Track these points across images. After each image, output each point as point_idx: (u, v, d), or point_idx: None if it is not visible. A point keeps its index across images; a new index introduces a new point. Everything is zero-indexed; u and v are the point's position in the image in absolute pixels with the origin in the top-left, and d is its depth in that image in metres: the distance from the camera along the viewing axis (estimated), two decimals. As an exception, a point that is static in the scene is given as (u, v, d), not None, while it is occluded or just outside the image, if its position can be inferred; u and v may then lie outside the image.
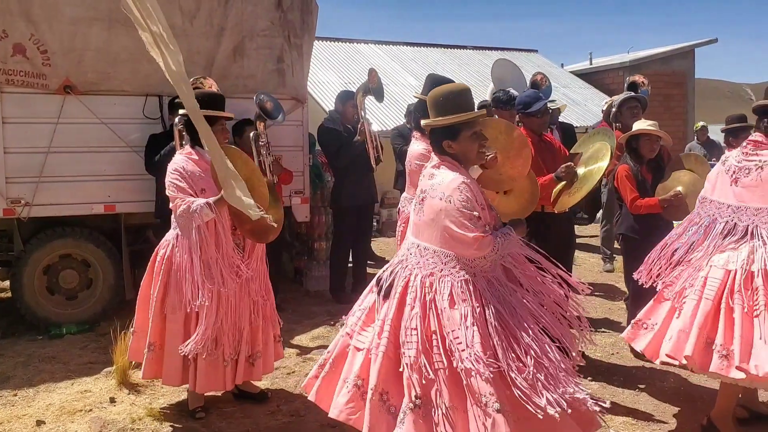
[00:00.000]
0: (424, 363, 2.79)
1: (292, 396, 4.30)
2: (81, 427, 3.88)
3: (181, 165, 3.83)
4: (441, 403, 2.76)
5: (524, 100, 4.83)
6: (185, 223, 3.73)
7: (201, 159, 3.89)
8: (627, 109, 6.10)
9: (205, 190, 3.79)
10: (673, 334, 3.50)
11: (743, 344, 3.26)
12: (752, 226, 3.47)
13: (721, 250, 3.51)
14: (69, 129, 5.41)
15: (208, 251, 3.72)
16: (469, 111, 3.00)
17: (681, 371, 4.59)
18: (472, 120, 2.99)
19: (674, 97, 14.61)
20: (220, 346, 3.85)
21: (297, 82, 6.15)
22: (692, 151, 10.74)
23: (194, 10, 5.70)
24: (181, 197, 3.73)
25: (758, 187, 3.50)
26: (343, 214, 6.26)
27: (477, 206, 2.93)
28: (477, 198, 2.96)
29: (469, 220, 2.88)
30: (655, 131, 4.64)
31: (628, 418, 3.95)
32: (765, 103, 3.65)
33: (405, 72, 13.42)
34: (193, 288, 3.66)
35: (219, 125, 3.92)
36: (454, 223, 2.88)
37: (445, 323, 2.84)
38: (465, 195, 2.90)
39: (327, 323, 5.76)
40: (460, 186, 2.92)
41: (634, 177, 4.66)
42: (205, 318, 3.72)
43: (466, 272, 2.90)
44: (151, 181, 5.55)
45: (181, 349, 3.72)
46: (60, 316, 5.68)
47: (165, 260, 3.86)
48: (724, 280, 3.43)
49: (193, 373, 3.86)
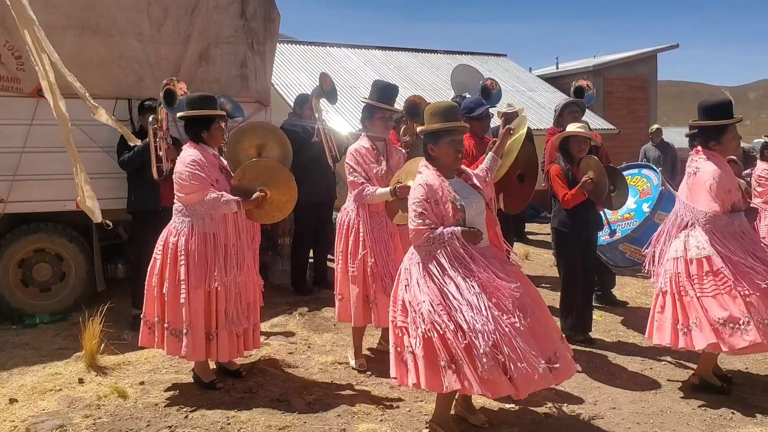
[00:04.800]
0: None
1: (247, 375, 4.65)
2: (50, 404, 4.22)
3: (198, 157, 4.26)
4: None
5: (468, 105, 5.28)
6: (209, 210, 4.20)
7: (208, 153, 4.34)
8: (568, 113, 6.50)
9: (219, 181, 4.27)
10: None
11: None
12: (693, 220, 4.26)
13: (675, 237, 4.34)
14: (42, 130, 5.70)
15: (227, 236, 4.24)
16: (454, 120, 3.60)
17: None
18: (451, 128, 3.60)
19: (637, 101, 15.15)
20: (239, 322, 4.30)
21: (260, 86, 6.54)
22: (647, 152, 11.24)
23: (162, 19, 6.06)
24: (203, 185, 4.17)
25: (691, 190, 4.29)
26: (303, 210, 6.62)
27: (427, 204, 3.53)
28: (429, 197, 3.54)
29: (414, 214, 3.55)
30: (582, 133, 5.06)
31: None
32: (699, 124, 4.34)
33: (376, 75, 13.81)
34: (209, 268, 4.18)
35: (218, 123, 4.36)
36: (410, 216, 3.60)
37: (413, 292, 3.51)
38: (418, 193, 3.57)
39: (286, 312, 6.15)
40: (417, 187, 3.60)
41: (565, 175, 5.09)
42: (223, 296, 4.21)
43: (428, 253, 3.52)
44: (122, 179, 5.89)
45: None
46: (34, 307, 6.01)
47: (181, 247, 4.22)
48: (674, 269, 4.26)
49: (215, 346, 4.28)
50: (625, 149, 13.69)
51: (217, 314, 4.24)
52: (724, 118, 4.29)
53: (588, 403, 4.30)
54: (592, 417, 4.08)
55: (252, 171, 4.38)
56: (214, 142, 4.41)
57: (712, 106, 4.36)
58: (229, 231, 4.26)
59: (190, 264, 4.20)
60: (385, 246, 4.65)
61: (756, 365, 4.95)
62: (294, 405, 4.18)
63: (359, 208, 4.67)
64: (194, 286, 4.20)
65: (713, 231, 4.17)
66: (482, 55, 16.32)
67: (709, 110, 4.33)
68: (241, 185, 4.33)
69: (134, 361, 4.96)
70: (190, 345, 4.21)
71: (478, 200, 3.67)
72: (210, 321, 4.26)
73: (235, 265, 4.26)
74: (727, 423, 4.01)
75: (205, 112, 4.31)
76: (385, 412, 4.09)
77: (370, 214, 4.66)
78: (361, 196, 4.62)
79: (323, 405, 4.19)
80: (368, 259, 4.61)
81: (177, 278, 4.23)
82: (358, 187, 4.63)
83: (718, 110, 4.32)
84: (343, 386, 4.52)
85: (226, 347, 4.29)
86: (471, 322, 3.30)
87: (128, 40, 5.95)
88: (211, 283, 4.20)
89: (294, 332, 5.69)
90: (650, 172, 6.74)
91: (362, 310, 4.65)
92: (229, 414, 4.01)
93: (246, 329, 4.43)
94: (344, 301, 4.77)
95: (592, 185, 4.88)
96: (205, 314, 4.23)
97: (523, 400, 4.00)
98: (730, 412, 4.13)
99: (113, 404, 4.20)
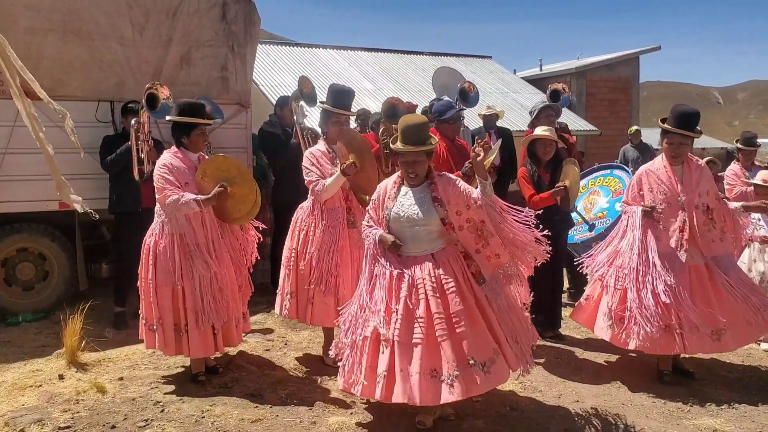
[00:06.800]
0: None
1: (224, 371, 4.76)
2: (30, 399, 4.34)
3: (169, 161, 4.45)
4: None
5: (439, 108, 5.40)
6: (173, 211, 4.33)
7: (185, 158, 4.50)
8: (544, 117, 6.66)
9: (189, 184, 4.39)
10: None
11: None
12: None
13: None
14: (25, 132, 5.68)
15: (195, 235, 4.37)
16: (409, 143, 3.82)
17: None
18: (401, 152, 3.87)
19: (619, 102, 15.36)
20: (209, 318, 4.40)
21: (240, 88, 6.66)
22: (626, 153, 11.42)
23: (143, 23, 6.18)
24: (170, 188, 4.34)
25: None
26: (284, 210, 6.74)
27: (374, 204, 4.01)
28: (376, 198, 4.01)
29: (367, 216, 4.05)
30: (546, 136, 5.21)
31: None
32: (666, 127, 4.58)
33: (361, 76, 13.96)
34: (175, 267, 4.33)
35: (199, 130, 4.52)
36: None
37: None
38: (373, 194, 4.04)
39: (264, 311, 6.28)
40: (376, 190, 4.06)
41: (531, 177, 5.25)
42: (190, 294, 4.35)
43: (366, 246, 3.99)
44: (104, 180, 6.00)
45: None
46: (17, 305, 6.13)
47: (151, 247, 4.44)
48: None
49: (186, 342, 4.42)
50: (607, 150, 13.91)
51: (186, 312, 4.38)
52: (676, 125, 4.51)
53: (552, 396, 4.46)
54: (555, 410, 4.23)
55: (211, 166, 4.48)
56: (194, 147, 4.55)
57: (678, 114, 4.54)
58: (197, 230, 4.39)
59: (158, 263, 4.39)
60: (334, 246, 4.74)
61: (717, 362, 5.12)
62: (267, 399, 4.32)
63: (314, 207, 4.81)
64: (161, 284, 4.37)
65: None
66: (467, 56, 16.49)
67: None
68: (203, 182, 4.43)
69: (114, 358, 5.08)
70: (161, 340, 4.41)
71: (422, 215, 3.82)
72: (178, 318, 4.41)
73: (205, 264, 4.38)
74: (684, 415, 4.17)
75: (184, 119, 4.47)
76: (356, 406, 4.23)
77: (327, 211, 4.78)
78: (315, 192, 4.76)
79: (296, 399, 4.33)
80: (314, 257, 4.73)
81: (148, 276, 4.42)
82: (313, 184, 4.78)
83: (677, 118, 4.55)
84: (317, 381, 4.66)
85: (198, 343, 4.41)
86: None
87: (110, 44, 6.06)
88: (177, 282, 4.35)
89: (272, 329, 5.82)
90: (622, 173, 6.93)
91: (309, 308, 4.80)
92: (204, 408, 4.14)
93: (227, 325, 4.54)
94: (295, 299, 4.86)
95: (564, 192, 5.04)
96: (173, 311, 4.39)
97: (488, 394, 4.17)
98: (688, 405, 4.30)
99: (92, 399, 4.32)
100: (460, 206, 3.85)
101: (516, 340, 3.88)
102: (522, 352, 3.90)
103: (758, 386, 4.65)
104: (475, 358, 3.60)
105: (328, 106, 4.89)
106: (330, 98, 4.91)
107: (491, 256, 3.93)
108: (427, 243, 3.86)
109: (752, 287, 4.62)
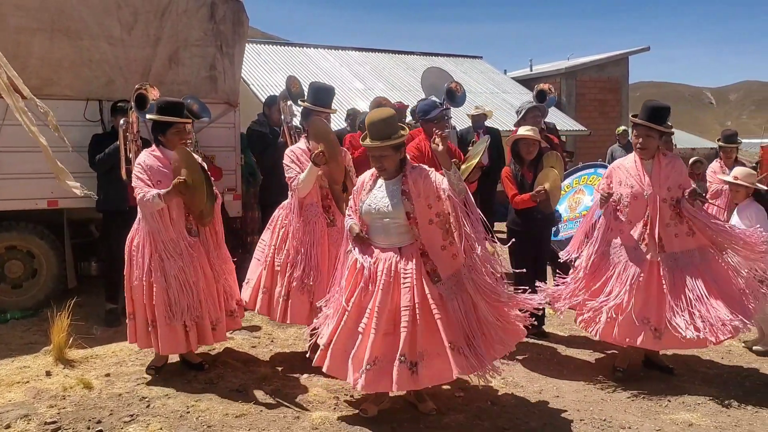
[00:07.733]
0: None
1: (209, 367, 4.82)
2: (17, 395, 4.38)
3: (143, 160, 4.56)
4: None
5: (423, 108, 5.47)
6: (142, 209, 4.47)
7: (163, 156, 4.58)
8: (531, 117, 6.74)
9: (161, 182, 4.46)
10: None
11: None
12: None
13: None
14: (14, 130, 5.77)
15: (164, 233, 4.44)
16: (374, 138, 3.89)
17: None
18: (368, 146, 3.98)
19: (609, 102, 15.47)
20: (177, 316, 4.46)
21: (229, 88, 6.71)
22: (614, 153, 11.51)
23: (132, 22, 6.22)
24: (140, 186, 4.43)
25: None
26: (271, 209, 6.79)
27: (355, 197, 4.12)
28: (355, 191, 4.16)
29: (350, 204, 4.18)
30: (529, 136, 5.28)
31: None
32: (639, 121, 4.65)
33: (352, 76, 14.02)
34: (144, 263, 4.44)
35: (174, 128, 4.58)
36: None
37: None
38: (356, 185, 4.20)
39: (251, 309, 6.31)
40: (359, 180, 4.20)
41: (514, 177, 5.33)
42: (159, 290, 4.43)
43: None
44: (92, 178, 6.02)
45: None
46: (5, 303, 6.16)
47: (128, 244, 4.59)
48: None
49: (155, 337, 4.51)
50: (596, 150, 14.00)
51: (155, 307, 4.46)
52: (643, 118, 4.62)
53: (533, 391, 4.53)
54: (535, 405, 4.30)
55: (177, 158, 4.52)
56: (171, 145, 4.59)
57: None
58: (166, 228, 4.46)
59: (132, 260, 4.54)
60: (313, 243, 4.78)
61: (697, 359, 5.20)
62: (252, 395, 4.38)
63: (294, 204, 4.85)
64: (134, 279, 4.52)
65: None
66: (458, 57, 16.57)
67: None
68: (176, 174, 4.46)
69: (102, 355, 5.13)
70: (133, 331, 4.62)
71: (390, 208, 3.89)
72: (150, 313, 4.51)
73: (172, 261, 4.44)
74: (662, 410, 4.24)
75: (160, 118, 4.55)
76: (339, 401, 4.29)
77: (305, 207, 4.82)
78: (293, 188, 4.80)
79: (280, 395, 4.38)
80: (291, 254, 4.78)
81: (127, 272, 4.60)
82: (292, 180, 4.82)
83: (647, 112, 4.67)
84: (302, 378, 4.71)
85: (167, 339, 4.48)
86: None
87: (99, 43, 6.10)
88: (145, 278, 4.46)
89: (260, 327, 5.88)
90: (606, 171, 6.99)
91: (284, 305, 4.83)
92: (189, 403, 4.20)
93: (201, 323, 4.58)
94: (267, 294, 4.89)
95: (544, 196, 5.11)
96: (145, 307, 4.50)
97: (470, 388, 4.25)
98: (666, 400, 4.37)
99: (78, 395, 4.37)
100: (431, 198, 3.89)
101: (469, 344, 3.80)
102: (477, 355, 3.79)
103: (736, 382, 4.73)
104: (407, 355, 3.70)
105: (308, 104, 4.94)
106: (310, 96, 4.96)
107: (456, 254, 3.93)
108: (396, 236, 3.92)
109: (728, 279, 4.57)
